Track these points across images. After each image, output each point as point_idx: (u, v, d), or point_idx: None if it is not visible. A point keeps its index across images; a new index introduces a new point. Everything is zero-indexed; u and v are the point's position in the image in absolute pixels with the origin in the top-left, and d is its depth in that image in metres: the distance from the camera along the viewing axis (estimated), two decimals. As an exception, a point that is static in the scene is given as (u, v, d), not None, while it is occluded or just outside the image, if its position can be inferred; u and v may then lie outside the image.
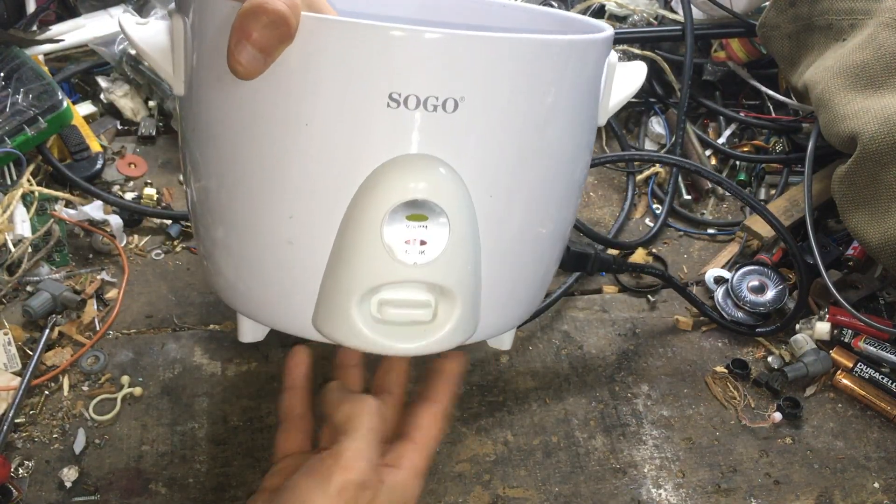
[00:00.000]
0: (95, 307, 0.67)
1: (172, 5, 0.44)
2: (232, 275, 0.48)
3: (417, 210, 0.41)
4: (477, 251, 0.43)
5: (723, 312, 0.71)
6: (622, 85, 0.50)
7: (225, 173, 0.44)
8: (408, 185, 0.40)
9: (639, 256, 0.76)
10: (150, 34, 0.45)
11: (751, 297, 0.71)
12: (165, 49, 0.44)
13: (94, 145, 0.79)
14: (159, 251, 0.73)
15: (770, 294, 0.71)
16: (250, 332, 0.53)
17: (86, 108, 0.85)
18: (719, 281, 0.74)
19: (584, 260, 0.64)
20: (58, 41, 0.84)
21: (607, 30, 0.45)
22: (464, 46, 0.38)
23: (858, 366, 0.66)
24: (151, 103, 0.87)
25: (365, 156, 0.40)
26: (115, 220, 0.72)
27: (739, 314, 0.71)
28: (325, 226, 0.42)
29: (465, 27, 0.43)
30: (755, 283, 0.72)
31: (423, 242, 0.41)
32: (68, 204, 0.74)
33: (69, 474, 0.55)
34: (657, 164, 0.86)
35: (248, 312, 0.49)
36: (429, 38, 0.37)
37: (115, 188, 0.78)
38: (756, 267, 0.73)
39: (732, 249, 0.78)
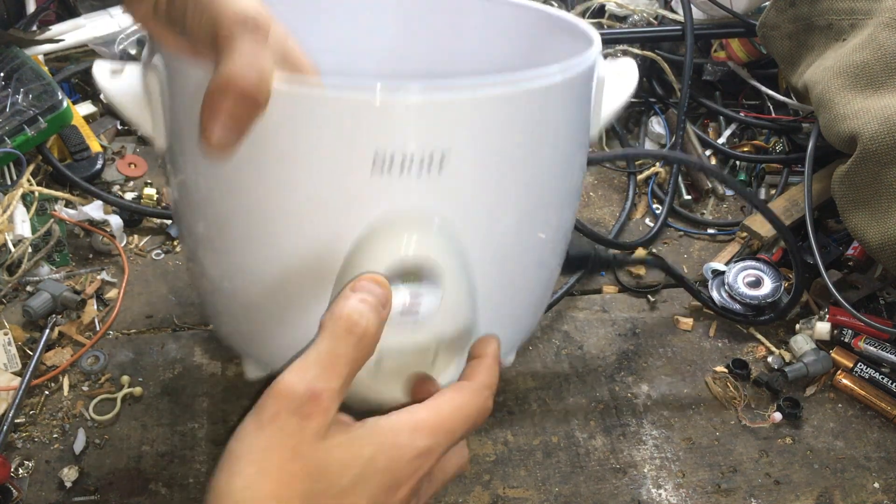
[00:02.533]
0: (95, 307, 0.67)
1: (144, 55, 0.43)
2: (231, 329, 0.49)
3: (410, 271, 0.40)
4: (474, 304, 0.43)
5: (716, 302, 0.71)
6: (613, 96, 0.48)
7: (214, 237, 0.44)
8: (398, 247, 0.39)
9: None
10: (125, 86, 0.43)
11: (746, 290, 0.71)
12: (142, 102, 0.43)
13: (94, 145, 0.79)
14: (159, 251, 0.73)
15: (766, 289, 0.71)
16: (255, 368, 0.53)
17: (86, 108, 0.85)
18: (717, 274, 0.74)
19: (584, 262, 0.64)
20: (58, 41, 0.84)
21: (594, 44, 0.44)
22: (444, 107, 0.37)
23: (858, 366, 0.66)
24: (151, 103, 0.87)
25: (352, 220, 0.39)
26: (115, 220, 0.72)
27: (734, 306, 0.71)
28: (317, 291, 0.41)
29: (447, 26, 0.42)
30: (751, 278, 0.72)
31: (418, 302, 0.41)
32: (68, 204, 0.74)
33: (69, 474, 0.55)
34: (657, 164, 0.86)
35: (252, 356, 0.51)
36: (409, 103, 0.36)
37: (115, 188, 0.78)
38: (753, 262, 0.73)
39: (733, 249, 0.78)
